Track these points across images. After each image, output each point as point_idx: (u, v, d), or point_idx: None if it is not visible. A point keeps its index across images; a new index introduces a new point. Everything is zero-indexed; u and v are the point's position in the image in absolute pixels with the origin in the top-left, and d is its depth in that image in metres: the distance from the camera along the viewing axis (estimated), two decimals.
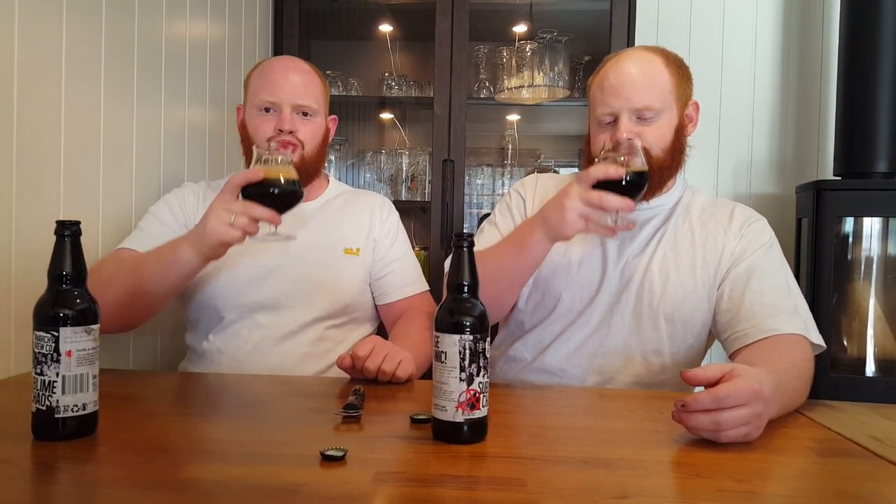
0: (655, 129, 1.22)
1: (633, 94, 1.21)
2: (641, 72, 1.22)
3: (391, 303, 1.47)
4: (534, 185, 1.41)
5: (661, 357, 1.27)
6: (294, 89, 1.38)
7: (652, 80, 1.22)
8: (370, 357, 1.12)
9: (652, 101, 1.21)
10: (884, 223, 2.08)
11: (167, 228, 1.36)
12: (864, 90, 2.04)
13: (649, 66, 1.23)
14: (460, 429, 0.81)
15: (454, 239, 0.85)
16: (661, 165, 1.23)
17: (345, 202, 1.52)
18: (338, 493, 0.67)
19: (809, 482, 0.78)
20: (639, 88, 1.21)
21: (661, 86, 1.22)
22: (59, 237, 0.81)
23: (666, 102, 1.22)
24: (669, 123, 1.23)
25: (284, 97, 1.37)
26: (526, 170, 2.70)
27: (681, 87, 1.26)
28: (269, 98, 1.37)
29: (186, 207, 1.42)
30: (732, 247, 1.25)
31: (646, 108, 1.21)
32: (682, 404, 0.83)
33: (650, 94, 1.21)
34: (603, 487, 0.71)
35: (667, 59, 1.25)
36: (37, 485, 0.69)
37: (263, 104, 1.38)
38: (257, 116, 1.39)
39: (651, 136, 1.22)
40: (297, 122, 1.39)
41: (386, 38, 2.72)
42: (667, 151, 1.23)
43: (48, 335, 0.78)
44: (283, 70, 1.40)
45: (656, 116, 1.22)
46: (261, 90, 1.38)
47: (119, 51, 1.43)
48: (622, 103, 1.21)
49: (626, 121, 1.21)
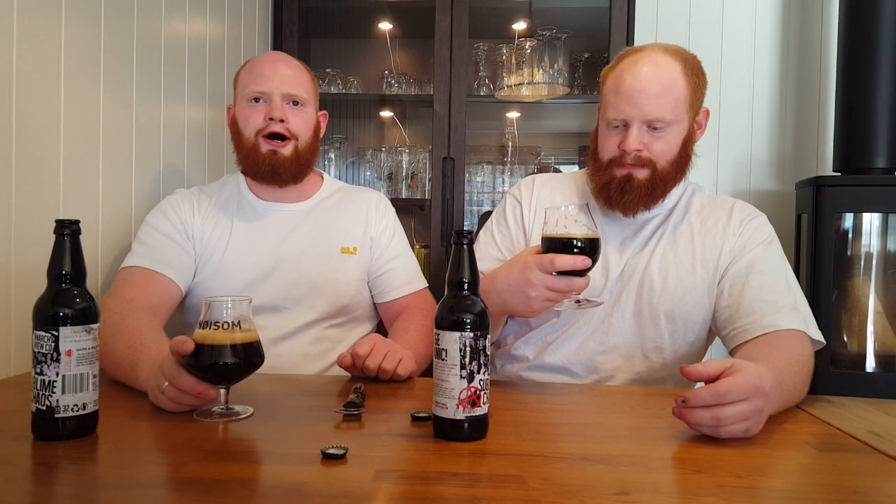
0: (664, 142, 1.20)
1: (647, 105, 1.18)
2: (658, 82, 1.18)
3: (390, 301, 1.47)
4: (530, 187, 1.40)
5: (661, 354, 1.27)
6: (283, 79, 1.37)
7: (667, 91, 1.19)
8: (370, 355, 1.12)
9: (665, 113, 1.18)
10: (883, 219, 2.08)
11: (170, 241, 1.34)
12: (863, 86, 2.03)
13: (667, 75, 1.19)
14: (461, 426, 0.81)
15: (454, 236, 0.85)
16: (664, 177, 1.22)
17: (339, 200, 1.50)
18: (339, 491, 0.67)
19: (809, 477, 0.78)
20: (653, 99, 1.18)
21: (676, 97, 1.19)
22: (58, 236, 0.81)
23: (678, 115, 1.20)
24: (679, 134, 1.22)
25: (274, 86, 1.36)
26: (526, 167, 2.70)
27: (695, 95, 1.23)
28: (258, 88, 1.36)
29: (183, 216, 1.39)
30: (732, 243, 1.25)
31: (657, 120, 1.18)
32: (683, 400, 0.83)
33: (664, 106, 1.18)
34: (603, 483, 0.71)
35: (685, 65, 1.21)
36: (37, 485, 0.69)
37: (253, 94, 1.36)
38: (247, 108, 1.37)
39: (658, 148, 1.20)
40: (288, 112, 1.37)
41: (385, 36, 2.72)
42: (672, 163, 1.22)
43: (48, 335, 0.78)
44: (271, 62, 1.39)
45: (667, 128, 1.20)
46: (250, 82, 1.37)
47: (118, 49, 1.43)
48: (635, 112, 1.19)
49: (636, 131, 1.19)
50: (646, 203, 1.24)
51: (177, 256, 1.33)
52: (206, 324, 0.89)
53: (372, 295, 1.49)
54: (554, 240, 1.03)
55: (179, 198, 1.42)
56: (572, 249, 1.01)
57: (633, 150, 1.19)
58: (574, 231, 1.02)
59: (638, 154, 1.20)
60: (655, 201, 1.25)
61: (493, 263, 1.31)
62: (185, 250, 1.36)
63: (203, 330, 0.89)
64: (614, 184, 1.23)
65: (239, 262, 1.37)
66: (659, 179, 1.21)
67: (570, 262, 1.00)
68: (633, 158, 1.20)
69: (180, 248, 1.35)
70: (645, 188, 1.22)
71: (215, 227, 1.40)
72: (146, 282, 1.27)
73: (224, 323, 0.90)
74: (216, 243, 1.39)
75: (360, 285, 1.45)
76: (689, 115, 1.23)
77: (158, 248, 1.32)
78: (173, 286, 1.31)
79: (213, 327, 0.89)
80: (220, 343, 0.89)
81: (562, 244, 1.02)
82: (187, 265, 1.35)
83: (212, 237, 1.39)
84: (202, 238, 1.39)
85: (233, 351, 0.89)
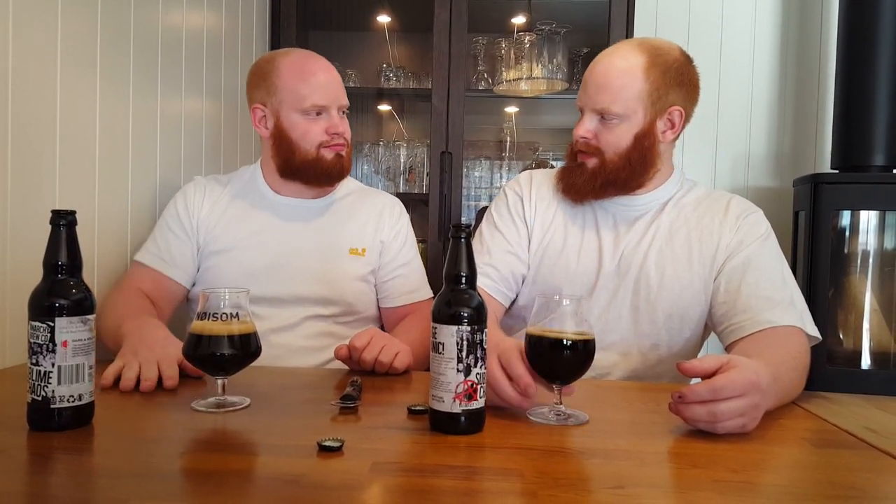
0: (612, 133, 1.22)
1: (596, 94, 1.22)
2: (612, 74, 1.21)
3: (394, 307, 1.47)
4: (528, 182, 1.39)
5: (658, 350, 1.27)
6: (338, 90, 1.39)
7: (619, 83, 1.20)
8: (367, 348, 1.12)
9: (611, 104, 1.20)
10: (880, 216, 2.08)
11: (177, 239, 1.40)
12: (861, 84, 2.03)
13: (624, 68, 1.20)
14: (458, 419, 0.81)
15: (452, 230, 0.85)
16: (614, 169, 1.24)
17: (354, 201, 1.51)
18: (335, 483, 0.67)
19: (805, 473, 0.78)
20: (602, 90, 1.21)
21: (629, 91, 1.20)
22: (54, 227, 0.81)
23: (630, 108, 1.21)
24: (630, 128, 1.22)
25: (332, 100, 1.37)
26: (524, 163, 2.69)
27: (660, 92, 1.21)
28: (318, 102, 1.35)
29: (192, 209, 1.42)
30: (728, 239, 1.25)
31: (604, 111, 1.21)
32: (679, 395, 0.83)
33: (612, 97, 1.20)
34: (599, 477, 0.71)
35: (653, 61, 1.20)
36: (33, 475, 0.69)
37: (315, 108, 1.36)
38: (304, 121, 1.36)
39: (605, 139, 1.23)
40: (342, 123, 1.40)
41: (384, 29, 2.71)
42: (621, 156, 1.23)
43: (44, 325, 0.78)
44: (325, 70, 1.39)
45: (616, 120, 1.21)
46: (309, 94, 1.35)
47: (115, 41, 1.42)
48: (586, 101, 1.24)
49: (586, 120, 1.24)
50: (595, 193, 1.26)
51: (183, 257, 1.40)
52: (204, 315, 0.90)
53: (377, 298, 1.49)
54: (542, 339, 0.89)
55: (192, 188, 1.45)
56: (563, 350, 0.88)
57: (579, 136, 1.24)
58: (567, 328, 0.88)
59: (586, 141, 1.24)
60: (606, 191, 1.26)
61: (506, 257, 1.31)
62: (191, 250, 1.41)
63: (201, 321, 0.90)
64: (566, 169, 1.29)
65: (247, 252, 1.39)
66: (608, 170, 1.23)
67: (509, 389, 0.88)
68: (581, 145, 1.25)
69: (187, 249, 1.40)
70: (590, 175, 1.25)
71: (225, 216, 1.42)
72: (153, 280, 1.37)
73: (222, 314, 0.90)
74: (224, 233, 1.41)
75: (365, 286, 1.45)
76: (648, 112, 1.22)
77: (166, 248, 1.39)
78: (178, 286, 1.40)
79: (210, 318, 0.90)
80: (218, 334, 0.90)
81: (549, 343, 0.88)
82: (193, 264, 1.42)
83: (219, 226, 1.41)
84: (208, 228, 1.41)
85: (230, 342, 0.90)
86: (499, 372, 0.90)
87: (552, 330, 0.88)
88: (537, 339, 0.89)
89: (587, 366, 0.90)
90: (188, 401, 0.92)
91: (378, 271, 1.47)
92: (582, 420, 0.90)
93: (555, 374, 0.90)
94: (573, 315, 0.89)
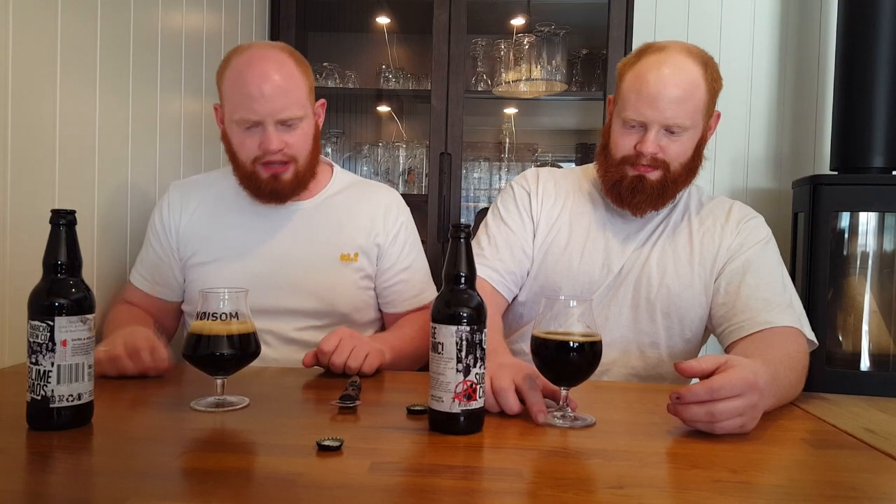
0: (680, 145, 1.20)
1: (667, 109, 1.17)
2: (681, 86, 1.17)
3: (398, 312, 1.41)
4: (536, 178, 1.38)
5: (657, 350, 1.27)
6: (274, 103, 1.21)
7: (689, 96, 1.18)
8: (336, 352, 1.09)
9: (684, 119, 1.18)
10: (880, 218, 2.08)
11: (158, 258, 1.39)
12: (860, 85, 2.04)
13: (690, 80, 1.18)
14: (457, 419, 0.81)
15: (451, 230, 0.85)
16: (675, 179, 1.22)
17: (348, 199, 1.40)
18: (334, 482, 0.67)
19: (804, 473, 0.78)
20: (674, 104, 1.17)
21: (696, 103, 1.19)
22: (54, 226, 0.81)
23: (696, 120, 1.20)
24: (694, 138, 1.22)
25: (265, 113, 1.22)
26: (523, 164, 2.69)
27: (711, 101, 1.22)
28: (248, 116, 1.22)
29: (168, 224, 1.37)
30: (729, 242, 1.25)
31: (676, 125, 1.18)
32: (678, 396, 0.83)
33: (685, 111, 1.18)
34: (599, 478, 0.71)
35: (706, 69, 1.20)
36: (32, 474, 0.69)
37: (244, 123, 1.23)
38: (238, 133, 1.25)
39: (674, 151, 1.20)
40: (284, 136, 1.25)
41: (383, 31, 2.72)
42: (684, 166, 1.22)
43: (43, 324, 0.78)
44: (258, 79, 1.21)
45: (683, 132, 1.19)
46: (239, 106, 1.23)
47: (114, 41, 1.42)
48: (655, 116, 1.17)
49: (654, 134, 1.18)
50: (655, 204, 1.24)
51: (167, 275, 1.39)
52: (204, 315, 0.91)
53: (378, 302, 1.43)
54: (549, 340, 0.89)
55: (168, 202, 1.38)
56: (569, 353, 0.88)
57: (651, 153, 1.19)
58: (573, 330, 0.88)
59: (654, 156, 1.20)
60: (665, 203, 1.25)
61: (514, 251, 1.30)
62: (175, 268, 1.39)
63: (200, 321, 0.91)
64: (625, 183, 1.22)
65: (231, 263, 1.32)
66: (670, 181, 1.22)
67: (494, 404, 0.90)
68: (648, 160, 1.20)
69: (168, 267, 1.38)
70: (656, 189, 1.22)
71: (204, 226, 1.36)
72: (145, 298, 1.39)
73: (221, 314, 0.91)
74: (206, 244, 1.35)
75: (359, 292, 1.37)
76: (705, 120, 1.23)
77: (151, 268, 1.39)
78: (170, 303, 1.41)
79: (210, 318, 0.90)
80: (217, 334, 0.90)
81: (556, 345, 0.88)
82: (180, 280, 1.40)
83: (199, 237, 1.35)
84: (187, 241, 1.36)
85: (229, 342, 0.90)
86: (506, 381, 0.90)
87: (558, 332, 0.88)
88: (542, 341, 0.89)
89: (594, 368, 0.90)
90: (187, 400, 0.92)
91: (377, 277, 1.39)
92: (589, 422, 0.89)
93: (561, 376, 0.90)
94: (580, 317, 0.89)
